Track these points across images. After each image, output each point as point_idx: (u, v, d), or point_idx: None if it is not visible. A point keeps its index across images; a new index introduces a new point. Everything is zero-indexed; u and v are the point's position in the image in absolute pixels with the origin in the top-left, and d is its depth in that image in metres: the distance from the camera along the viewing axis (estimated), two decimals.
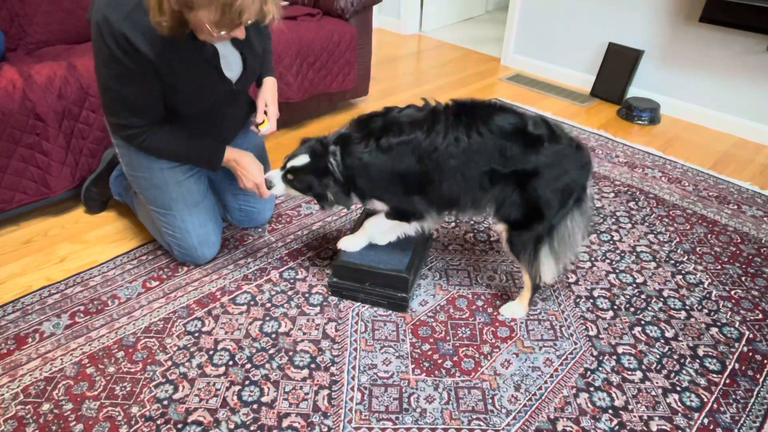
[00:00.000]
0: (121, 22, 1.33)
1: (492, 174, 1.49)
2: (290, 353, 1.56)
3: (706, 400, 1.47)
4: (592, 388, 1.49)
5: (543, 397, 1.45)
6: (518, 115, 1.51)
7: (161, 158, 1.68)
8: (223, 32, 1.32)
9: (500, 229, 1.59)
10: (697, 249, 2.05)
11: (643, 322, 1.71)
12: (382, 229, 1.70)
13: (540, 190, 1.47)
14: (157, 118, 1.58)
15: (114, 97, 1.51)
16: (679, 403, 1.45)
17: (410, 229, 1.70)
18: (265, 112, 1.76)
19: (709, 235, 2.13)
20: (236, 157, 1.71)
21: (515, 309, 1.71)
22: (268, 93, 1.78)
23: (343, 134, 1.57)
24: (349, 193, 1.61)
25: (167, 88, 1.50)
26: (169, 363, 1.52)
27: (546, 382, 1.50)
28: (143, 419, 1.36)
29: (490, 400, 1.44)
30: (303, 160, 1.58)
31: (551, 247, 1.54)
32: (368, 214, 1.88)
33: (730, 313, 1.76)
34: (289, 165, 1.60)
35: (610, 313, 1.74)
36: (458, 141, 1.47)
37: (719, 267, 1.96)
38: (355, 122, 1.58)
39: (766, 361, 1.59)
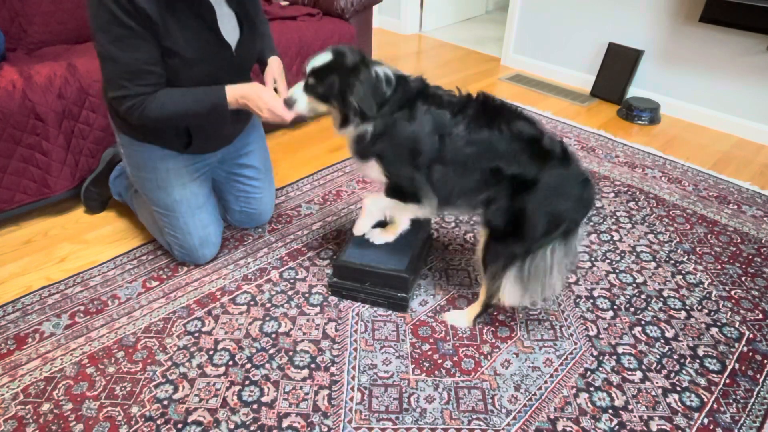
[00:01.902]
0: None
1: (496, 172, 1.45)
2: (290, 353, 1.56)
3: (706, 400, 1.47)
4: (592, 388, 1.49)
5: (543, 397, 1.45)
6: (538, 129, 1.48)
7: (168, 125, 1.59)
8: None
9: (482, 232, 1.55)
10: (697, 249, 2.05)
11: (643, 322, 1.71)
12: (380, 206, 1.65)
13: (529, 205, 1.42)
14: (158, 85, 1.50)
15: (114, 65, 1.44)
16: (679, 403, 1.45)
17: (407, 211, 1.63)
18: (275, 89, 1.69)
19: (709, 235, 2.13)
20: (242, 93, 1.55)
21: (458, 318, 1.67)
22: (276, 69, 1.74)
23: (401, 75, 1.51)
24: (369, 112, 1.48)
25: (166, 51, 1.47)
26: (169, 363, 1.52)
27: (546, 382, 1.50)
28: (143, 419, 1.36)
29: (490, 400, 1.44)
30: (325, 58, 1.46)
31: (521, 271, 1.47)
32: None
33: (730, 313, 1.76)
34: (309, 68, 1.48)
35: (610, 313, 1.74)
36: (479, 131, 1.45)
37: (719, 267, 1.96)
38: (400, 76, 1.52)
39: (766, 361, 1.59)
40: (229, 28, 1.60)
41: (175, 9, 1.43)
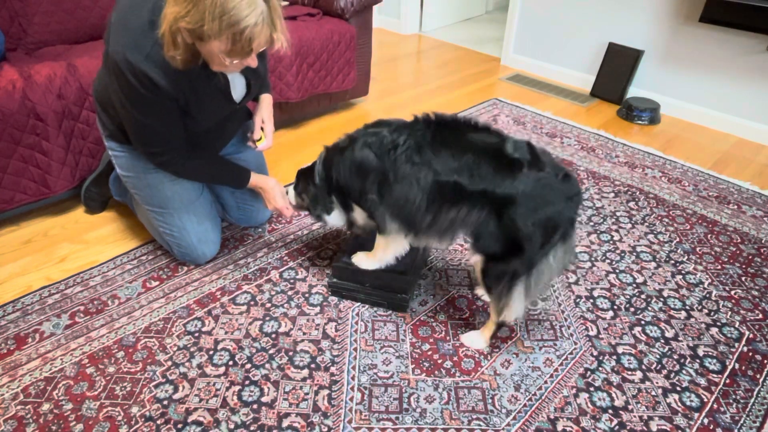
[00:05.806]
0: (142, 62, 1.36)
1: (455, 188, 1.37)
2: (290, 353, 1.56)
3: (706, 400, 1.47)
4: (592, 388, 1.49)
5: (543, 397, 1.45)
6: (498, 136, 1.42)
7: (193, 181, 1.78)
8: (235, 61, 1.35)
9: (475, 260, 1.45)
10: (697, 249, 2.05)
11: (643, 322, 1.71)
12: (382, 246, 1.64)
13: (518, 220, 1.33)
14: (183, 141, 1.61)
15: (146, 130, 1.54)
16: (679, 403, 1.45)
17: (394, 243, 1.61)
18: (262, 129, 1.81)
19: (709, 235, 2.13)
20: (260, 183, 1.81)
21: (475, 339, 1.60)
22: (265, 110, 1.82)
23: (336, 142, 1.63)
24: (327, 194, 1.65)
25: (182, 114, 1.54)
26: (169, 363, 1.52)
27: (546, 382, 1.50)
28: (143, 419, 1.36)
29: (490, 400, 1.44)
30: (306, 165, 1.68)
31: (527, 286, 1.40)
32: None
33: (730, 313, 1.76)
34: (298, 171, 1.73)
35: (610, 313, 1.74)
36: (419, 145, 1.41)
37: (719, 267, 1.96)
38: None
39: (766, 361, 1.59)
40: (239, 89, 1.66)
41: (194, 84, 1.47)
